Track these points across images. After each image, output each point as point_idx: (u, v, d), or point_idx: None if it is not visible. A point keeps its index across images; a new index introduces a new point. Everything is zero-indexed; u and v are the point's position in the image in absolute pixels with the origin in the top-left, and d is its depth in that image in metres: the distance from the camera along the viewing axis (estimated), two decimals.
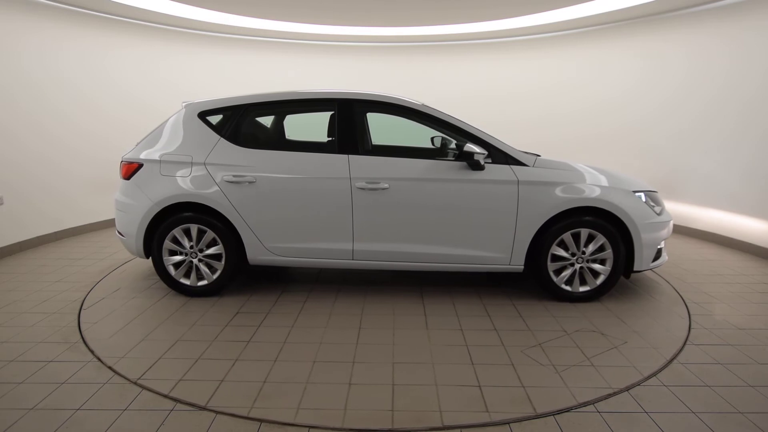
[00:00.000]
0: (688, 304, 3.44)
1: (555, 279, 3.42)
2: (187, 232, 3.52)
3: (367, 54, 7.59)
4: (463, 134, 3.41)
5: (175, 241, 3.53)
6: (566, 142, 6.74)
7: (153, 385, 2.38)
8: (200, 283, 3.58)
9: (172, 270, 3.56)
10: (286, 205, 3.42)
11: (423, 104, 3.55)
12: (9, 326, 3.09)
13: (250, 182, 3.41)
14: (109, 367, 2.56)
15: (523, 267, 3.42)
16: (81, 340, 2.89)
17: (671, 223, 3.59)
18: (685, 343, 2.84)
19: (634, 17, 5.85)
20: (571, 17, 5.96)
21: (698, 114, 5.33)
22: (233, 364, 2.61)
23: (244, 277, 4.12)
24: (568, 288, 3.44)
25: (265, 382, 2.43)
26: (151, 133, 3.78)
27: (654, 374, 2.48)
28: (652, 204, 3.44)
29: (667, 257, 3.73)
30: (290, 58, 7.47)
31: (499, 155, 3.37)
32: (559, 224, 3.32)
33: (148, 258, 3.64)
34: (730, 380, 2.43)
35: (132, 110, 6.15)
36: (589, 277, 3.43)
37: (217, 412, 2.15)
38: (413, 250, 3.42)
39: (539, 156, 3.69)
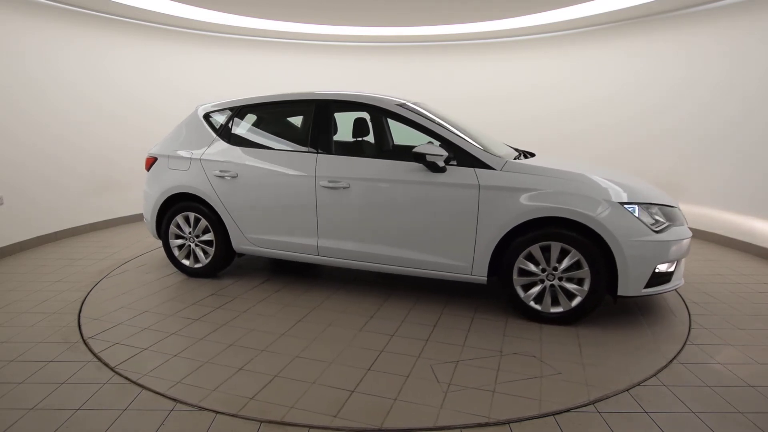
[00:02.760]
0: (688, 304, 3.43)
1: (522, 295, 3.08)
2: (188, 220, 3.96)
3: (367, 54, 7.60)
4: (429, 134, 3.25)
5: (178, 226, 3.99)
6: (566, 139, 6.74)
7: (146, 382, 2.39)
8: (196, 265, 4.01)
9: (176, 251, 4.05)
10: (261, 199, 3.66)
11: (397, 104, 3.42)
12: (9, 326, 3.09)
13: (232, 177, 3.73)
14: (110, 368, 2.56)
15: (486, 279, 3.14)
16: (81, 340, 2.90)
17: (684, 242, 3.02)
18: (685, 343, 2.84)
19: (633, 17, 5.85)
20: (571, 17, 5.96)
21: (697, 113, 5.33)
22: (166, 337, 2.94)
23: (264, 262, 4.43)
24: (537, 307, 3.06)
25: (175, 356, 2.70)
26: (171, 131, 4.25)
27: (654, 374, 2.48)
28: (654, 219, 2.94)
29: (681, 282, 3.12)
30: (291, 58, 7.48)
31: (465, 157, 3.12)
32: (526, 235, 2.98)
33: (160, 239, 4.15)
34: (730, 380, 2.43)
35: (132, 110, 6.16)
36: (562, 297, 3.01)
37: (217, 412, 2.16)
38: (374, 251, 3.38)
39: (533, 155, 3.67)
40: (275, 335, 2.96)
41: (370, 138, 4.04)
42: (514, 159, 3.32)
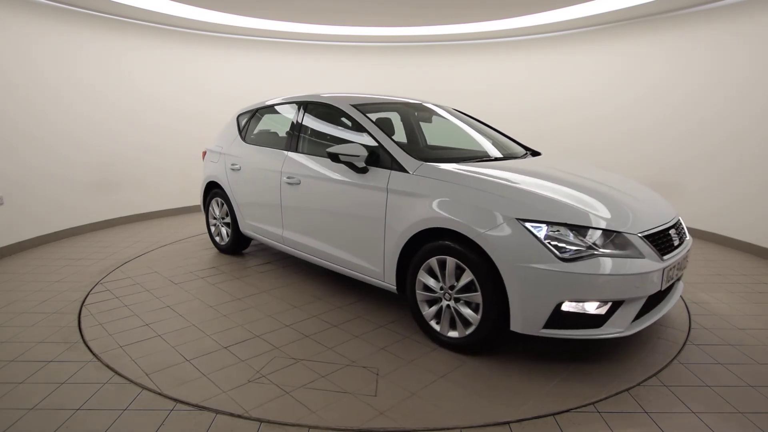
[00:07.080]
0: (687, 304, 3.44)
1: (424, 311, 2.79)
2: (218, 203, 4.68)
3: (375, 54, 7.61)
4: (368, 134, 3.18)
5: (213, 209, 4.76)
6: (566, 137, 6.76)
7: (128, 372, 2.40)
8: (222, 243, 4.74)
9: (212, 229, 4.85)
10: (252, 190, 4.15)
11: (351, 105, 3.40)
12: (9, 326, 3.09)
13: (237, 170, 4.28)
14: (110, 368, 2.57)
15: (395, 287, 2.96)
16: (81, 340, 2.90)
17: (623, 279, 2.26)
18: (685, 343, 2.84)
19: (631, 17, 5.86)
20: (573, 17, 5.97)
21: (696, 111, 5.33)
22: (139, 292, 3.67)
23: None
24: (436, 327, 2.75)
25: (125, 305, 3.41)
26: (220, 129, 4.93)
27: (654, 374, 2.48)
28: (581, 244, 2.29)
29: (623, 331, 2.32)
30: (297, 58, 7.47)
31: (387, 158, 2.98)
32: (423, 247, 2.72)
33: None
34: (730, 380, 2.44)
35: (132, 114, 6.16)
36: (458, 321, 2.65)
37: (217, 412, 2.16)
38: (317, 246, 3.53)
39: (539, 154, 3.68)
40: (204, 306, 3.38)
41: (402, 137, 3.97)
42: (505, 158, 3.33)
